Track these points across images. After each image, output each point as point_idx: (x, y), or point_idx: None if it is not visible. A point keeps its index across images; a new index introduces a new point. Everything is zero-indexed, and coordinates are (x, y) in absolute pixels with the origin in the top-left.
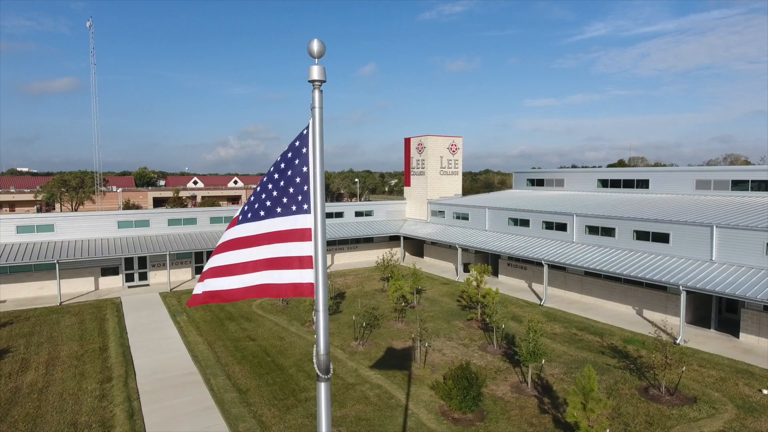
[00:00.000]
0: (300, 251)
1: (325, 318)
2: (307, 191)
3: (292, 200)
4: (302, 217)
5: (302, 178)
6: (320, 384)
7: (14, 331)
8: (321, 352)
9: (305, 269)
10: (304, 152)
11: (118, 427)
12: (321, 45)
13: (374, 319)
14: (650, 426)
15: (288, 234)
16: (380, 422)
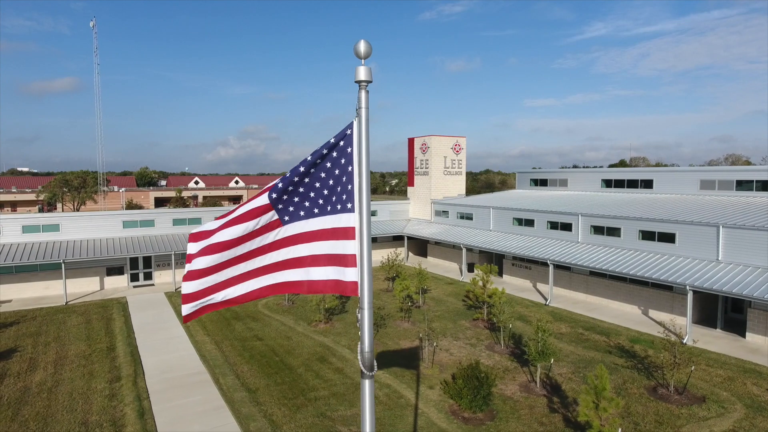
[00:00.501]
0: (344, 249)
1: (369, 316)
2: (351, 190)
3: (335, 199)
4: (346, 216)
5: (347, 177)
6: (365, 381)
7: (21, 331)
8: (365, 349)
9: (348, 267)
10: (349, 152)
11: (129, 426)
12: (367, 46)
13: (380, 318)
14: (660, 425)
15: (331, 232)
16: (391, 421)
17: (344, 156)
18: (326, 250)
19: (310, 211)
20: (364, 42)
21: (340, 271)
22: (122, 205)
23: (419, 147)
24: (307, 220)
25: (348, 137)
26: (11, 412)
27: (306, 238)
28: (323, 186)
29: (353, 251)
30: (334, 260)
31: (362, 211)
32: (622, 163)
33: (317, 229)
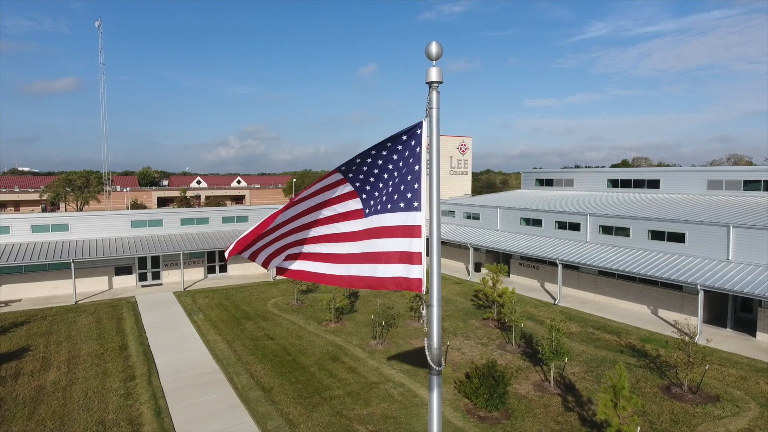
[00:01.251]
0: (409, 247)
1: (438, 313)
2: (418, 189)
3: (402, 197)
4: (412, 214)
5: (414, 176)
6: (432, 377)
7: (32, 330)
8: (434, 345)
9: (414, 265)
10: (417, 151)
11: (147, 425)
12: (439, 47)
13: (391, 318)
14: (676, 424)
15: (397, 230)
16: (407, 420)
17: (413, 155)
18: (392, 248)
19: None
20: (435, 43)
21: (406, 269)
22: (127, 204)
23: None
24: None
25: (417, 136)
26: (27, 411)
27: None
28: (391, 184)
29: (419, 249)
30: (400, 258)
31: (432, 210)
32: (625, 163)
33: (385, 225)
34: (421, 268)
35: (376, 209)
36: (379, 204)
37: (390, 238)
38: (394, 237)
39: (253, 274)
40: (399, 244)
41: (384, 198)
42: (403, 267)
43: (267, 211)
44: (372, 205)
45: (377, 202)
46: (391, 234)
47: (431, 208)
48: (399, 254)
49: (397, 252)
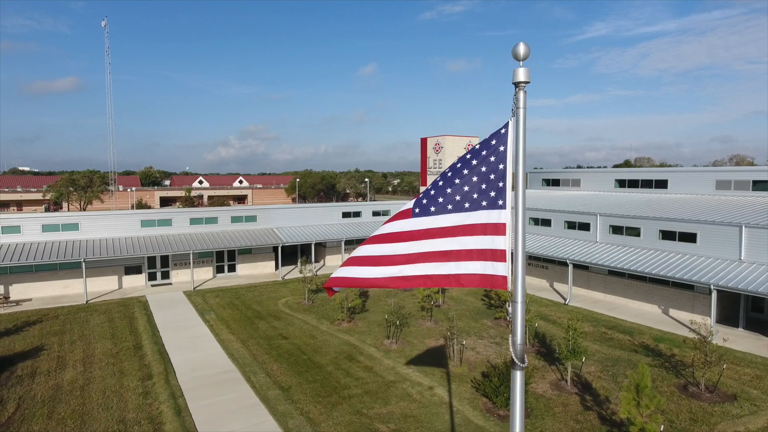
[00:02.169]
0: (492, 244)
1: (522, 309)
2: (503, 187)
3: (485, 196)
4: (496, 212)
5: (497, 175)
6: (516, 372)
7: (45, 329)
8: (518, 341)
9: (498, 262)
10: (501, 150)
11: (168, 423)
12: (527, 48)
13: (403, 318)
14: (695, 423)
15: (480, 228)
16: (427, 419)
17: (496, 154)
18: (475, 245)
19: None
20: (523, 44)
21: (490, 266)
22: (132, 204)
23: (432, 147)
24: (455, 214)
25: (502, 136)
26: (47, 410)
27: (453, 232)
28: (472, 183)
29: (503, 246)
30: (483, 255)
31: (518, 207)
32: (627, 164)
33: (465, 224)
34: (505, 266)
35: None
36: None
37: (472, 236)
38: (476, 235)
39: (261, 273)
40: (482, 241)
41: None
42: (488, 264)
43: (275, 211)
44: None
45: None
46: (474, 232)
47: (516, 206)
48: (482, 252)
49: (479, 249)
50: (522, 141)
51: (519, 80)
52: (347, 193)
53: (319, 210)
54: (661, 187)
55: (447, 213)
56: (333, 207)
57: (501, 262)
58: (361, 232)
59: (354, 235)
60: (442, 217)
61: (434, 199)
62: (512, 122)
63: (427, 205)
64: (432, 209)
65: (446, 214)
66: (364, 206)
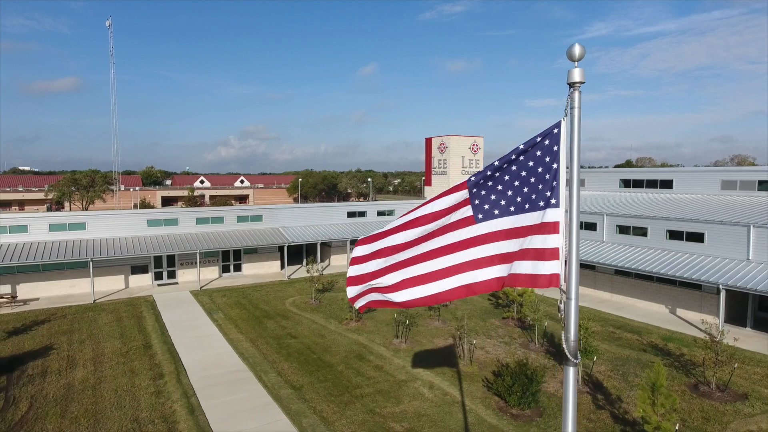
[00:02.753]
0: (544, 243)
1: (575, 306)
2: (556, 187)
3: (541, 196)
4: (550, 211)
5: (551, 174)
6: (569, 368)
7: (53, 329)
8: (571, 338)
9: (548, 261)
10: (555, 150)
11: (182, 422)
12: (582, 49)
13: (410, 317)
14: (707, 421)
15: (531, 228)
16: (441, 418)
17: (549, 154)
18: (525, 245)
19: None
20: (578, 45)
21: (540, 265)
22: (136, 204)
23: (437, 147)
24: (505, 217)
25: (555, 136)
26: (60, 409)
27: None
28: (523, 183)
29: (556, 245)
30: (536, 254)
31: (572, 207)
32: (629, 164)
33: (516, 226)
34: (558, 264)
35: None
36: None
37: (527, 236)
38: (530, 235)
39: (266, 273)
40: (533, 241)
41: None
42: (538, 264)
43: (281, 210)
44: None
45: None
46: (529, 232)
47: (571, 205)
48: (534, 251)
49: (532, 249)
50: (577, 141)
51: (574, 80)
52: (349, 193)
53: (324, 210)
54: (667, 187)
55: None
56: (338, 207)
57: (553, 260)
58: (366, 232)
59: (359, 235)
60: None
61: (496, 203)
62: (565, 122)
63: (490, 210)
64: (496, 212)
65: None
66: (369, 206)
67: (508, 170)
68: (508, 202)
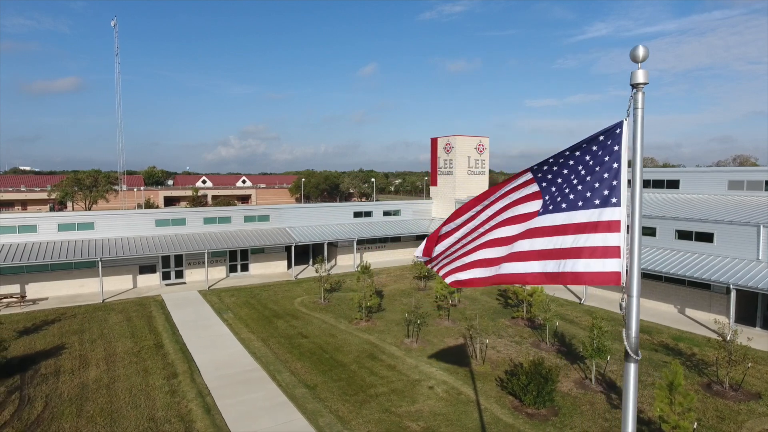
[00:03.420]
0: (604, 241)
1: (637, 303)
2: (617, 186)
3: (598, 194)
4: (609, 210)
5: (611, 174)
6: (630, 365)
7: (64, 328)
8: (632, 335)
9: (610, 258)
10: (616, 149)
11: (198, 421)
12: (645, 51)
13: (420, 317)
14: (722, 420)
15: (592, 225)
16: (457, 417)
17: (609, 153)
18: (581, 243)
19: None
20: (642, 47)
21: (601, 263)
22: (141, 204)
23: (443, 147)
24: (557, 213)
25: (616, 136)
26: (75, 408)
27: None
28: (579, 181)
29: (616, 243)
30: (595, 252)
31: (635, 206)
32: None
33: (578, 222)
34: (618, 262)
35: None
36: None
37: (584, 233)
38: (588, 232)
39: (273, 273)
40: (594, 239)
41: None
42: (599, 261)
43: (287, 210)
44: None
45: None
46: (586, 230)
47: (633, 205)
48: (594, 249)
49: (591, 247)
50: (640, 141)
51: (638, 82)
52: (351, 193)
53: (330, 210)
54: (673, 187)
55: (561, 212)
56: (344, 207)
57: (614, 258)
58: (372, 232)
59: (365, 235)
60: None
61: (553, 199)
62: (628, 122)
63: (546, 205)
64: (551, 207)
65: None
66: (374, 206)
67: (568, 166)
68: (562, 198)
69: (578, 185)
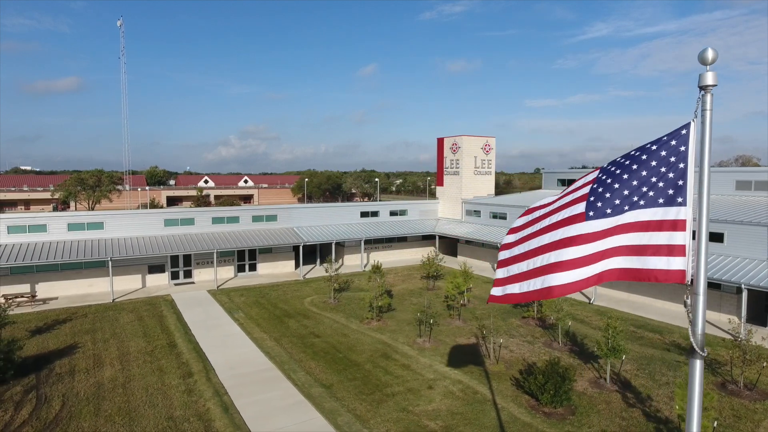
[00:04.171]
0: (670, 240)
1: (703, 301)
2: (682, 186)
3: (662, 194)
4: (674, 209)
5: (677, 174)
6: (695, 361)
7: (76, 328)
8: (698, 331)
9: (675, 257)
10: (682, 150)
11: (217, 420)
12: (714, 53)
13: (431, 317)
14: (739, 419)
15: (656, 224)
16: (474, 416)
17: (675, 154)
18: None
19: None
20: (711, 49)
21: (666, 261)
22: (145, 204)
23: (449, 147)
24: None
25: (683, 137)
26: (93, 407)
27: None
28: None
29: (682, 242)
30: (660, 250)
31: (702, 207)
32: None
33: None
34: (684, 260)
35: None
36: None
37: (647, 231)
38: (652, 231)
39: (281, 273)
40: (658, 237)
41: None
42: (663, 259)
43: (295, 210)
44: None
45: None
46: (649, 228)
47: (701, 204)
48: (658, 247)
49: (656, 245)
50: (708, 142)
51: (707, 84)
52: (353, 192)
53: (337, 210)
54: None
55: (623, 213)
56: (351, 207)
57: (679, 257)
58: (379, 232)
59: (373, 235)
60: (618, 217)
61: (610, 201)
62: (695, 124)
63: (603, 208)
64: (608, 211)
65: (622, 213)
66: (381, 206)
67: (629, 168)
68: (623, 201)
69: (642, 185)
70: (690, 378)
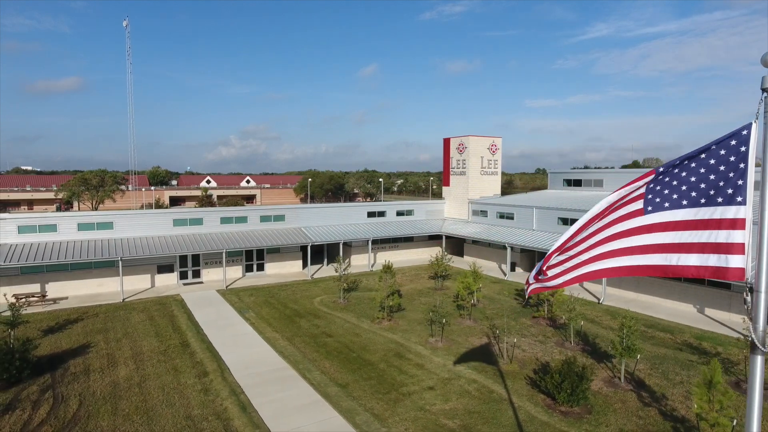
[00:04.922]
0: (728, 238)
1: (765, 299)
2: (742, 185)
3: (722, 193)
4: (734, 208)
5: (737, 173)
6: (756, 357)
7: (88, 327)
8: (759, 328)
9: (735, 255)
10: (743, 150)
11: (236, 419)
12: None
13: (442, 317)
14: None
15: (715, 222)
16: (492, 415)
17: (735, 154)
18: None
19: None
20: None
21: (724, 258)
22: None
23: (456, 147)
24: (675, 210)
25: (743, 137)
26: (110, 407)
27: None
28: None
29: (742, 240)
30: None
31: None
32: (636, 164)
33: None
34: (743, 258)
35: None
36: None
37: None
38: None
39: (289, 272)
40: (718, 235)
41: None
42: (722, 257)
43: (303, 210)
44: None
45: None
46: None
47: (763, 204)
48: (718, 245)
49: (715, 243)
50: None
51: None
52: (356, 193)
53: (344, 210)
54: None
55: (681, 208)
56: (358, 207)
57: (738, 255)
58: (386, 232)
59: (380, 235)
60: (676, 212)
61: (668, 197)
62: (756, 125)
63: (661, 203)
64: (666, 205)
65: (681, 209)
66: (388, 206)
67: (686, 167)
68: (681, 196)
69: (701, 183)
70: (750, 375)
